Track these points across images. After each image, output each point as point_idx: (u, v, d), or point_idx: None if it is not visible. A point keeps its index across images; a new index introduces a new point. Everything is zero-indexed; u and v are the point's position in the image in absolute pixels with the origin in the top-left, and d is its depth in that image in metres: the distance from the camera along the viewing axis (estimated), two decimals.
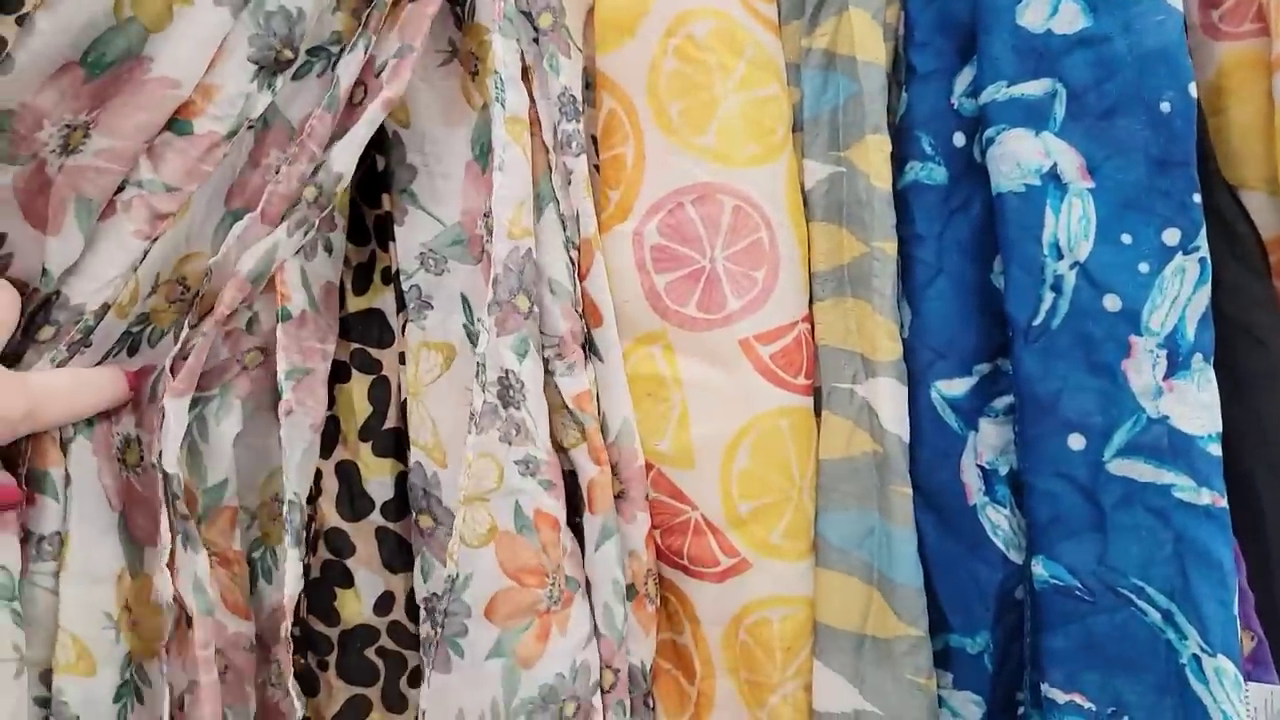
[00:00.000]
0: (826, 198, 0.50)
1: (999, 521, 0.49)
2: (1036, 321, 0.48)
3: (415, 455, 0.49)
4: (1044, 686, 0.48)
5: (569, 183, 0.51)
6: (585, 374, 0.50)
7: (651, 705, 0.52)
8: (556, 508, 0.48)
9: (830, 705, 0.48)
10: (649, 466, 0.50)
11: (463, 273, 0.49)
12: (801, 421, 0.50)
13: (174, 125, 0.42)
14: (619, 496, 0.51)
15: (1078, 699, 0.47)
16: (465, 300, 0.49)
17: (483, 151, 0.49)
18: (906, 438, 0.48)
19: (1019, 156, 0.48)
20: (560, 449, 0.50)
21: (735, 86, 0.48)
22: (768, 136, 0.50)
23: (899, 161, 0.51)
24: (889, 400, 0.48)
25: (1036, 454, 0.48)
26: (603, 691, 0.49)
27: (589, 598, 0.50)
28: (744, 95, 0.49)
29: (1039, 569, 0.48)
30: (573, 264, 0.51)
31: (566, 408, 0.49)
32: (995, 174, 0.49)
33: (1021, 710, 0.50)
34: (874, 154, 0.49)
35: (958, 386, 0.49)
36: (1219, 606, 0.45)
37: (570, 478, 0.50)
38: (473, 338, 0.49)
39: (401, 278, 0.50)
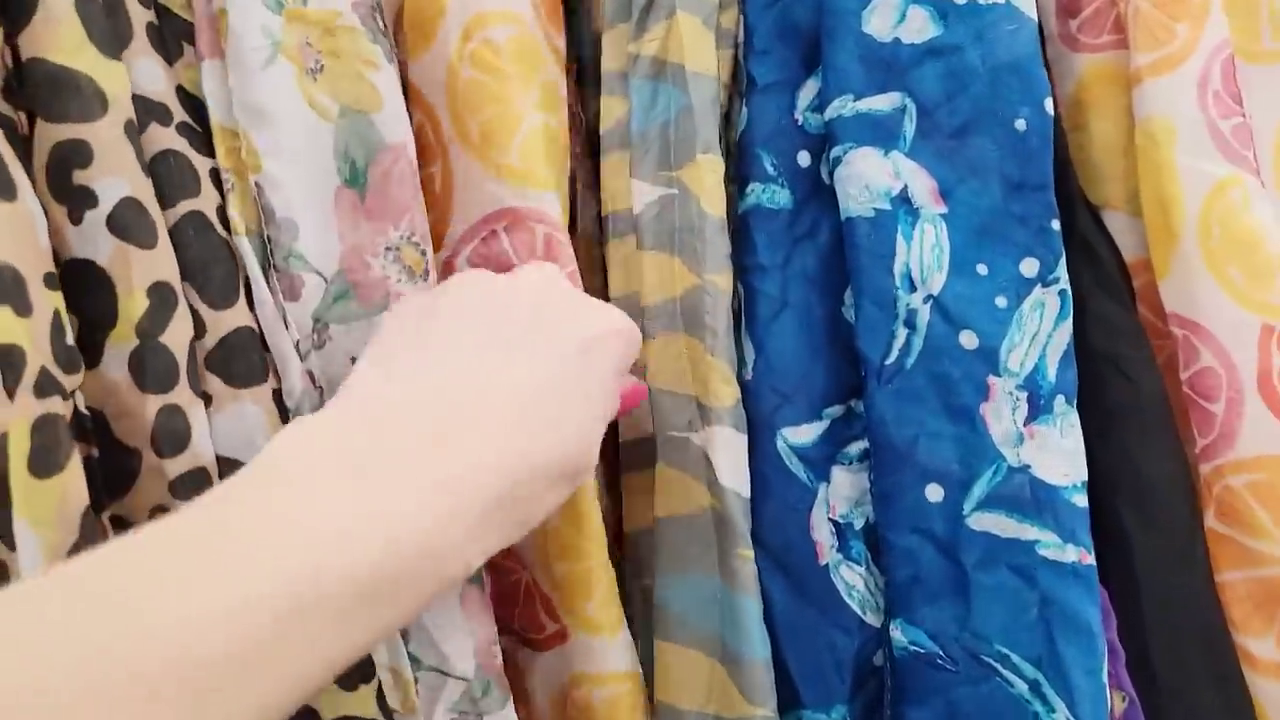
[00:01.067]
0: (657, 222, 0.45)
1: (854, 581, 0.44)
2: (889, 360, 0.43)
3: None
4: None
5: None
6: None
7: None
8: None
9: None
10: None
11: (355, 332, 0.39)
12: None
13: None
14: None
15: None
16: None
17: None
18: (746, 493, 0.43)
19: (867, 178, 0.44)
20: None
21: (535, 106, 0.42)
22: (560, 171, 0.44)
23: (740, 183, 0.46)
24: (726, 451, 0.43)
25: (893, 507, 0.44)
26: None
27: None
28: (542, 117, 0.43)
29: (898, 634, 0.43)
30: None
31: None
32: (843, 197, 0.44)
33: None
34: (706, 175, 0.44)
35: (806, 433, 0.44)
36: (1087, 675, 0.41)
37: None
38: None
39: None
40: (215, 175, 0.38)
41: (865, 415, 0.44)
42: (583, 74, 0.52)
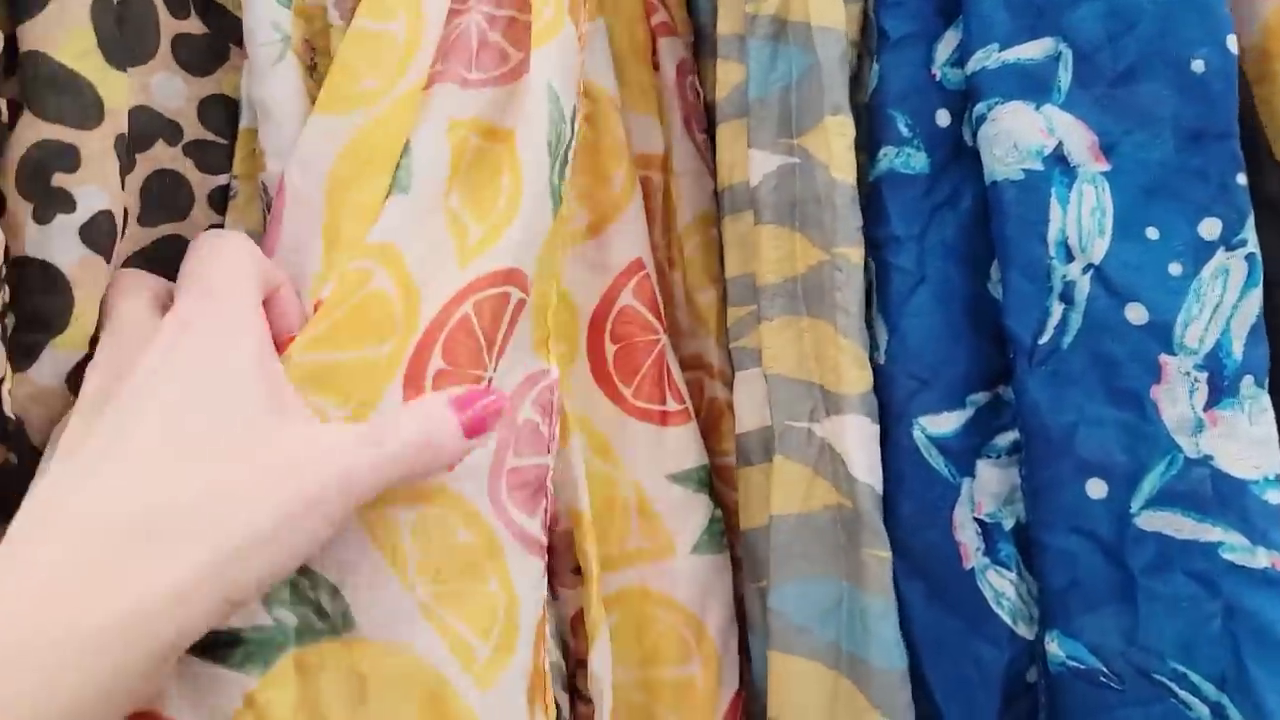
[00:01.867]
0: (776, 194, 0.41)
1: (1003, 588, 0.40)
2: (1043, 339, 0.39)
3: None
4: None
5: None
6: None
7: None
8: None
9: None
10: None
11: None
12: None
13: None
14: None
15: None
16: None
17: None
18: (880, 488, 0.39)
19: (1016, 136, 0.39)
20: None
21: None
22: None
23: (870, 148, 0.42)
24: (857, 442, 0.39)
25: (1048, 504, 0.39)
26: None
27: None
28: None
29: (1054, 648, 0.38)
30: None
31: None
32: (988, 159, 0.40)
33: None
34: (834, 140, 0.40)
35: (947, 422, 0.40)
36: None
37: None
38: None
39: None
40: (220, 194, 0.38)
41: (1016, 402, 0.39)
42: (701, 44, 0.49)
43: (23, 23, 0.33)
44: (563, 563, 0.42)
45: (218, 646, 0.30)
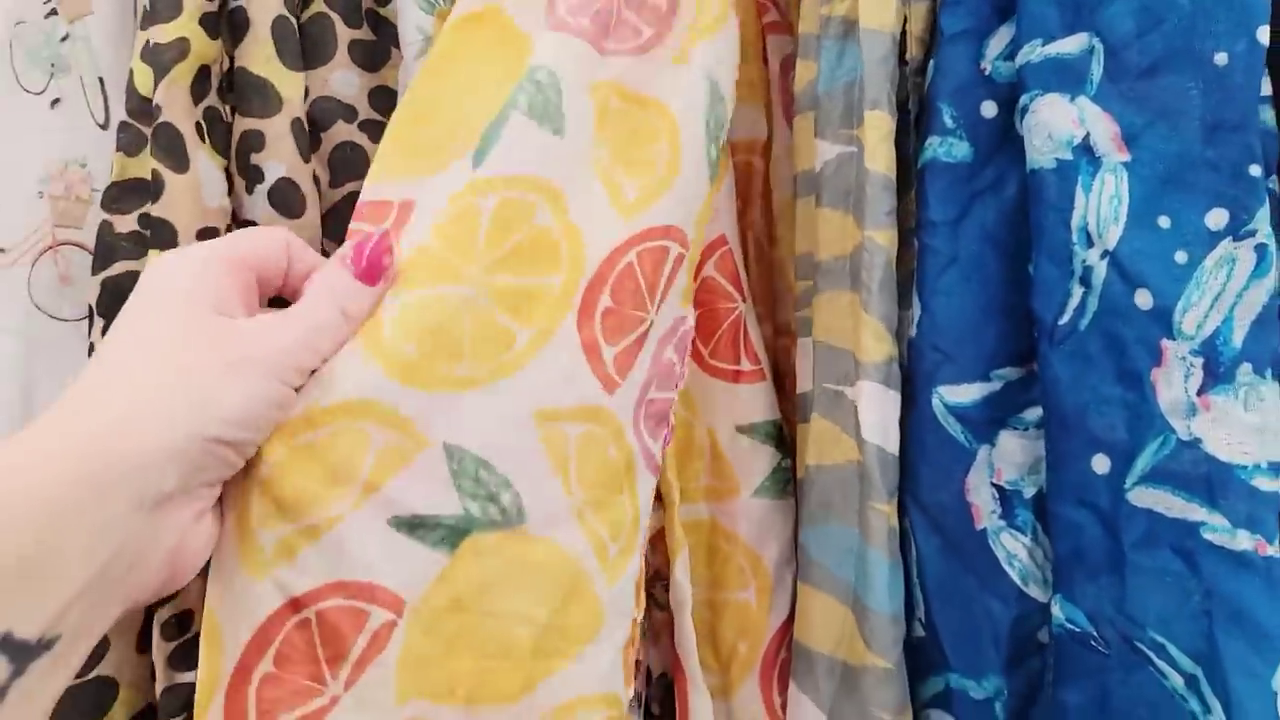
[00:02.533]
0: (834, 180, 0.46)
1: (1015, 550, 0.43)
2: (1063, 320, 0.41)
3: None
4: None
5: None
6: None
7: (657, 714, 0.51)
8: None
9: None
10: None
11: None
12: None
13: None
14: None
15: None
16: None
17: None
18: (891, 448, 0.43)
19: (1051, 126, 0.41)
20: None
21: None
22: None
23: (923, 138, 0.45)
24: (870, 405, 0.43)
25: (1059, 476, 0.41)
26: None
27: None
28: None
29: (1056, 610, 0.41)
30: None
31: None
32: (1029, 148, 0.42)
33: None
34: (870, 132, 0.44)
35: (966, 393, 0.43)
36: (1248, 679, 0.36)
37: None
38: None
39: None
40: None
41: (1039, 379, 0.42)
42: None
43: (237, 47, 0.46)
44: None
45: (422, 528, 0.37)
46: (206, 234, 0.44)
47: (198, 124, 0.45)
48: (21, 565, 0.25)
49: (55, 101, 0.48)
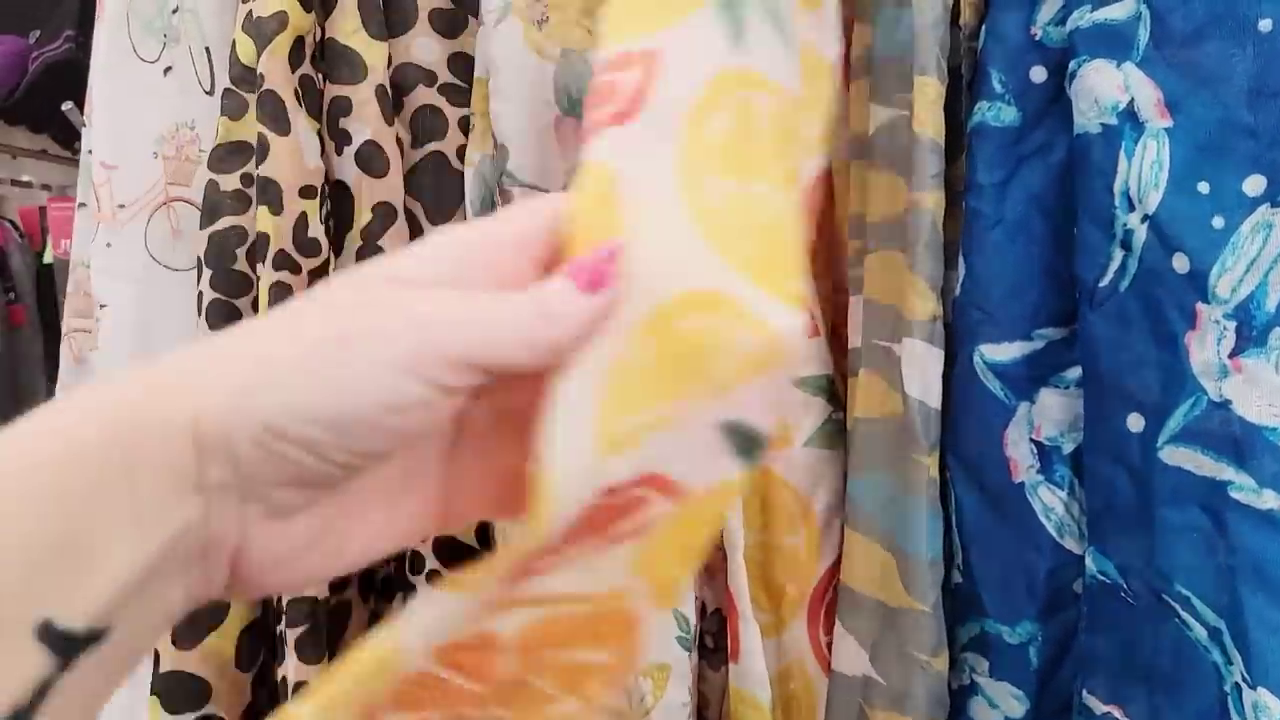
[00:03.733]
0: (886, 144, 0.47)
1: (1052, 504, 0.44)
2: (1104, 282, 0.42)
3: None
4: (1084, 692, 0.43)
5: None
6: None
7: (712, 647, 0.54)
8: None
9: (844, 667, 0.47)
10: None
11: None
12: None
13: None
14: None
15: (1116, 713, 0.42)
16: None
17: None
18: (933, 403, 0.45)
19: (1097, 92, 0.42)
20: None
21: None
22: None
23: (973, 102, 0.47)
24: (915, 362, 0.45)
25: (1096, 433, 0.43)
26: None
27: None
28: None
29: (1090, 562, 0.43)
30: None
31: None
32: (1076, 112, 0.43)
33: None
34: (918, 97, 0.45)
35: (1006, 351, 0.45)
36: (1272, 634, 0.38)
37: None
38: None
39: None
40: (465, 122, 0.50)
41: (1079, 338, 0.43)
42: None
43: (327, 19, 0.50)
44: None
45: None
46: (307, 191, 0.48)
47: (295, 91, 0.49)
48: (52, 540, 0.21)
49: (168, 69, 0.53)
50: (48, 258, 1.33)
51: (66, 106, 1.25)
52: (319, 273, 0.48)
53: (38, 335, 1.37)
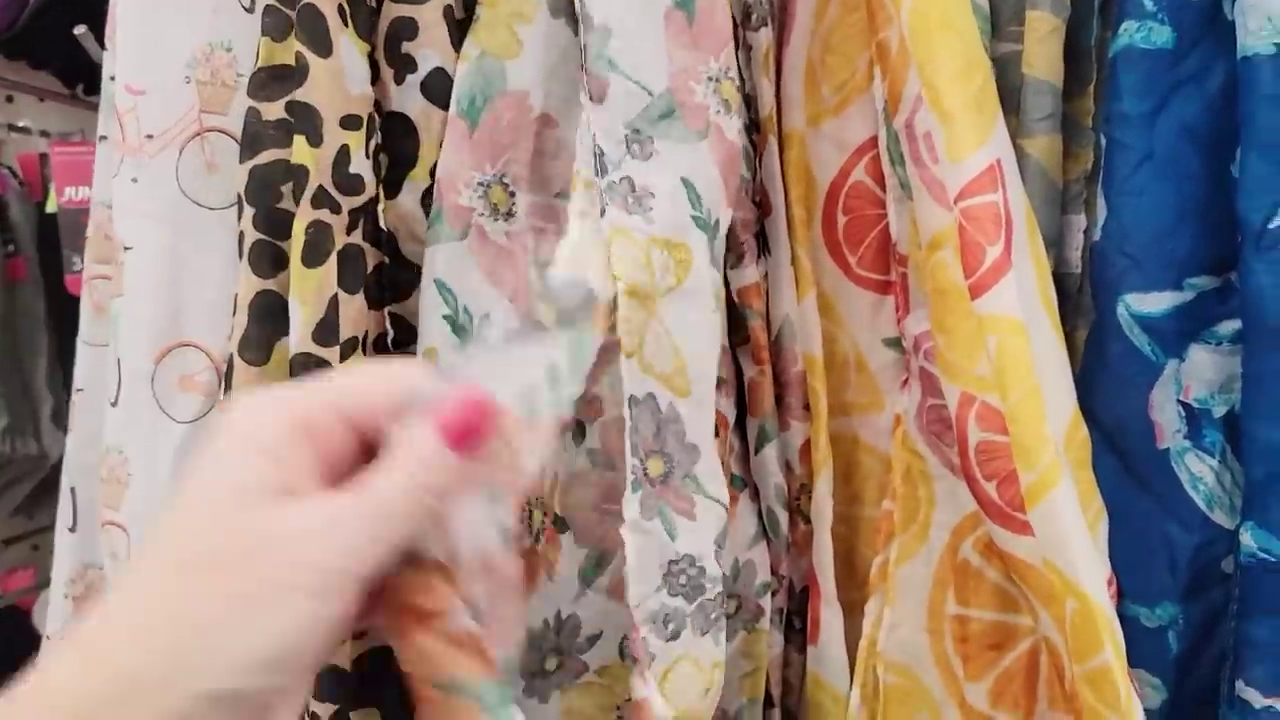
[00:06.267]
0: (1000, 83, 0.42)
1: (1201, 473, 0.40)
2: (1273, 224, 0.37)
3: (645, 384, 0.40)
4: (1239, 683, 0.39)
5: (750, 60, 0.47)
6: (754, 267, 0.47)
7: (799, 628, 0.50)
8: (726, 406, 0.46)
9: None
10: (970, 398, 0.39)
11: (682, 153, 0.42)
12: None
13: None
14: (779, 400, 0.48)
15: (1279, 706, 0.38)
16: (690, 186, 0.43)
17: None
18: None
19: (1269, 8, 0.37)
20: (731, 346, 0.48)
21: None
22: None
23: (1114, 23, 0.41)
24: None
25: (1260, 394, 0.38)
26: (772, 595, 0.47)
27: (756, 500, 0.48)
28: None
29: (1247, 538, 0.38)
30: (752, 147, 0.48)
31: (733, 302, 0.47)
32: (1241, 31, 0.38)
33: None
34: (1028, 34, 0.41)
35: (1156, 302, 0.40)
36: None
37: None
38: (707, 229, 0.43)
39: (608, 166, 0.42)
40: None
41: (1240, 288, 0.38)
42: None
43: None
44: (795, 399, 0.48)
45: None
46: (349, 121, 0.42)
47: (340, 6, 0.43)
48: None
49: None
50: (50, 206, 1.25)
51: (80, 30, 1.13)
52: (361, 212, 0.43)
53: (40, 290, 1.31)
